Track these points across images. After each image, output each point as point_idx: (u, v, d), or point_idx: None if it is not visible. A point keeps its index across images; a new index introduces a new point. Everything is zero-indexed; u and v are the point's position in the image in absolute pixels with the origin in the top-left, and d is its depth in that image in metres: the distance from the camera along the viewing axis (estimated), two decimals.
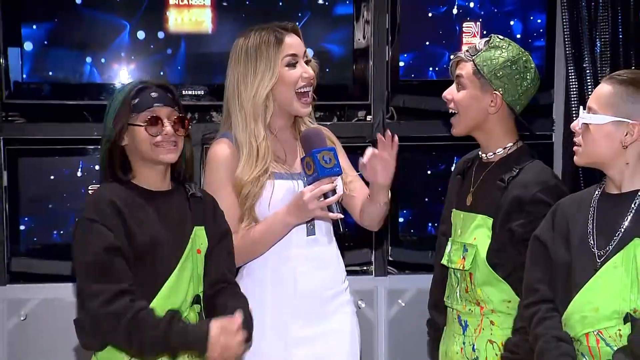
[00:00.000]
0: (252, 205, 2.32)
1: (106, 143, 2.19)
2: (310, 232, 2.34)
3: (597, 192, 2.06)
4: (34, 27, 3.23)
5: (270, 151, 2.34)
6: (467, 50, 2.39)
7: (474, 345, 2.35)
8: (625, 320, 1.93)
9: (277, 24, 2.38)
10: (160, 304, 2.10)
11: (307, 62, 2.39)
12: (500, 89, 2.32)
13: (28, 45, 3.23)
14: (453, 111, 2.39)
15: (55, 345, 3.28)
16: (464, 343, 2.38)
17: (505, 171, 2.33)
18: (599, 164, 2.04)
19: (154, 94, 2.17)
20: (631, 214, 1.97)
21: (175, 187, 2.24)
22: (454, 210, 2.43)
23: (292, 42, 2.34)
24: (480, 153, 2.43)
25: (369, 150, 2.27)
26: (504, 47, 2.32)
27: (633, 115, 1.94)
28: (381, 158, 2.24)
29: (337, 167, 2.22)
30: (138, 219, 2.13)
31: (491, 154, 2.38)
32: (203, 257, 2.23)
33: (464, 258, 2.36)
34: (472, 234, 2.30)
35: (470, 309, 2.35)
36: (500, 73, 2.32)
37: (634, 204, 1.98)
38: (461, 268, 2.34)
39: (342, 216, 2.28)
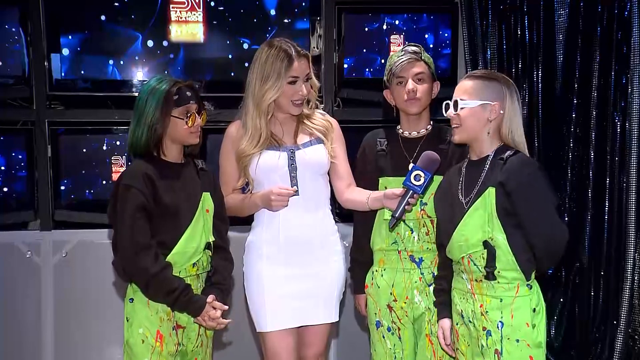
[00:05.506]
0: (246, 166, 2.59)
1: (150, 127, 2.31)
2: (294, 185, 2.58)
3: (465, 162, 2.40)
4: (70, 37, 3.58)
5: (269, 137, 2.58)
6: (413, 53, 2.57)
7: (433, 273, 2.57)
8: (485, 246, 2.23)
9: (295, 47, 2.57)
10: (180, 247, 2.33)
11: (308, 79, 2.60)
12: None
13: (65, 51, 3.58)
14: (414, 98, 2.54)
15: (87, 274, 3.70)
16: (422, 273, 2.58)
17: (437, 142, 2.57)
18: (471, 138, 2.30)
19: (188, 93, 2.35)
20: (484, 172, 2.28)
21: (186, 160, 2.44)
22: (388, 177, 2.61)
23: (298, 67, 2.55)
24: (402, 132, 2.66)
25: (399, 191, 2.43)
26: (424, 50, 2.65)
27: (493, 98, 2.28)
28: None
29: (419, 188, 2.33)
30: (164, 185, 2.31)
31: (415, 132, 2.64)
32: (211, 216, 2.44)
33: (423, 210, 2.55)
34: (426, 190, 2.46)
35: (428, 247, 2.57)
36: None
37: (486, 164, 2.29)
38: (423, 217, 2.54)
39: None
